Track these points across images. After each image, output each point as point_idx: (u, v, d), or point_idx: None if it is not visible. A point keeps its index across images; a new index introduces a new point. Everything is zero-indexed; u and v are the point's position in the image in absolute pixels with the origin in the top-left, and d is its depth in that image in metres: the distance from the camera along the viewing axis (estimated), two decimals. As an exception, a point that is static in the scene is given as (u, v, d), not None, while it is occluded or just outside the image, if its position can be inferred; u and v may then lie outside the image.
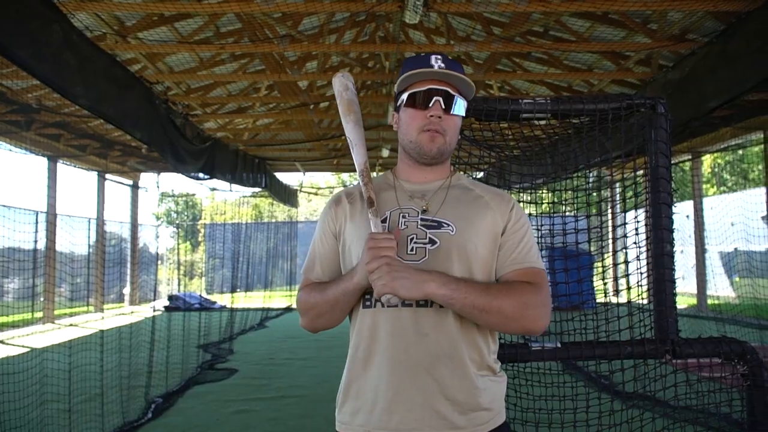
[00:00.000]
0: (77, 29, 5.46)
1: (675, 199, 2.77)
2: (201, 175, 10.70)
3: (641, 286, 2.83)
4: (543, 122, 3.16)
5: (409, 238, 1.63)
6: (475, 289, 1.52)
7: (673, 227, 2.62)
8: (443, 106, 1.66)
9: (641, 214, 2.87)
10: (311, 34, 9.18)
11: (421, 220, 1.66)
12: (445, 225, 1.64)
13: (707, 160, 28.47)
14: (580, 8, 6.79)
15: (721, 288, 15.34)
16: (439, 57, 1.69)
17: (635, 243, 2.92)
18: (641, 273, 2.85)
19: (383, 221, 1.66)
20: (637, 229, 2.93)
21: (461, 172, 1.87)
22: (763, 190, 12.86)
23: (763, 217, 12.59)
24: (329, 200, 1.83)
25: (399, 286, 1.46)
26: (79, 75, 5.34)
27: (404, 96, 1.72)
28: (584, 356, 2.55)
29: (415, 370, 1.55)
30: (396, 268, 1.48)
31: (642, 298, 2.91)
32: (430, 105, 1.66)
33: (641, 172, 2.84)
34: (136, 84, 7.48)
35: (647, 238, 2.70)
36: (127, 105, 6.83)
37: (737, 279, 15.63)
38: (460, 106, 1.70)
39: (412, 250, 1.62)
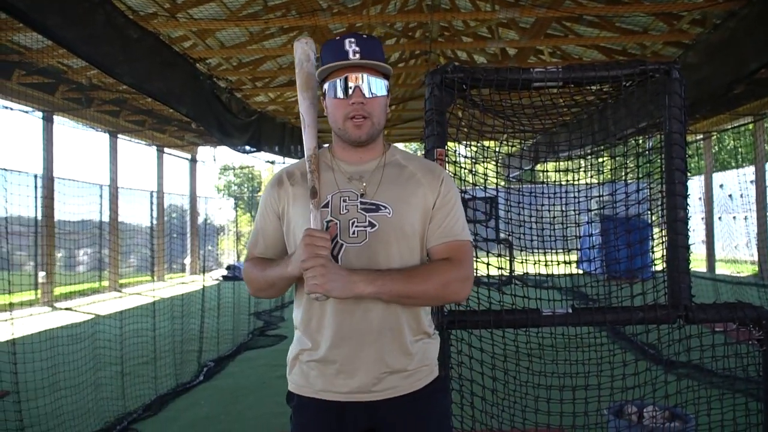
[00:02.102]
0: (120, 10, 5.67)
1: (741, 164, 2.72)
2: (247, 147, 10.95)
3: (654, 253, 2.83)
4: (594, 88, 3.13)
5: (350, 222, 1.72)
6: (399, 280, 1.64)
7: (688, 193, 2.60)
8: (363, 92, 1.71)
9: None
10: (355, 6, 9.20)
11: (361, 203, 1.75)
12: (382, 207, 1.74)
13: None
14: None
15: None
16: (353, 40, 1.72)
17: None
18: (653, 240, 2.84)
19: (325, 206, 1.75)
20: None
21: (395, 146, 1.91)
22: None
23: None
24: (271, 180, 1.91)
25: (331, 288, 1.57)
26: (123, 54, 5.56)
27: (326, 86, 1.76)
28: (595, 321, 2.60)
29: (361, 342, 1.71)
30: (330, 270, 1.58)
31: (655, 265, 2.91)
32: (351, 93, 1.71)
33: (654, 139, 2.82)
34: (180, 61, 7.69)
35: (660, 205, 2.70)
36: (172, 82, 7.05)
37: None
38: (380, 86, 1.74)
39: (354, 233, 1.72)
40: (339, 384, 1.72)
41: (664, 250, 2.68)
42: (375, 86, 1.73)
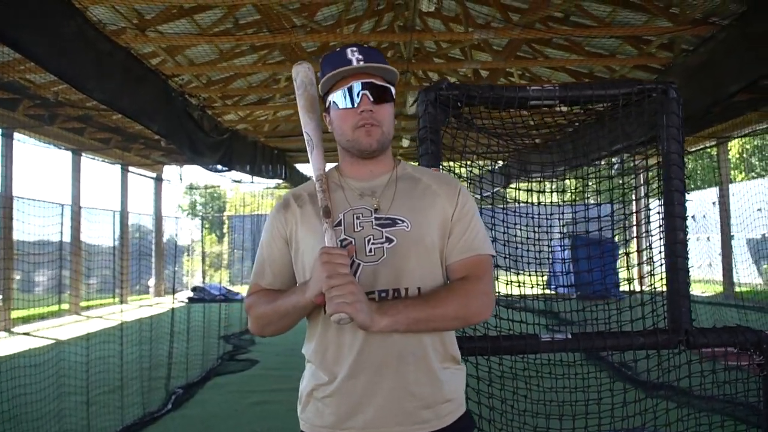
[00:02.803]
0: (92, 23, 5.50)
1: (702, 185, 2.71)
2: (219, 167, 10.76)
3: (653, 275, 2.77)
4: (564, 109, 3.11)
5: (366, 239, 1.61)
6: (416, 306, 1.53)
7: (686, 215, 2.56)
8: (371, 99, 1.63)
9: (655, 202, 2.81)
10: (329, 24, 9.15)
11: (375, 219, 1.64)
12: (399, 221, 1.63)
13: (735, 145, 27.92)
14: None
15: (749, 275, 15.07)
16: (355, 49, 1.65)
17: (646, 232, 2.86)
18: (653, 261, 2.79)
19: (337, 225, 1.64)
20: (648, 218, 2.87)
21: (404, 161, 1.83)
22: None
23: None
24: (276, 204, 1.79)
25: (359, 309, 1.44)
26: (94, 69, 5.38)
27: (330, 98, 1.68)
28: (595, 347, 2.51)
29: (381, 370, 1.56)
30: (359, 291, 1.47)
31: (653, 288, 2.85)
32: (359, 101, 1.63)
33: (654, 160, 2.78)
34: (152, 77, 7.52)
35: (660, 226, 2.64)
36: (143, 98, 6.88)
37: (766, 266, 15.36)
38: (387, 94, 1.67)
39: (370, 251, 1.60)
40: (358, 420, 1.56)
41: (663, 273, 2.63)
42: (383, 93, 1.65)
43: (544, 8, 8.14)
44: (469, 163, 3.11)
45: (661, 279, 2.67)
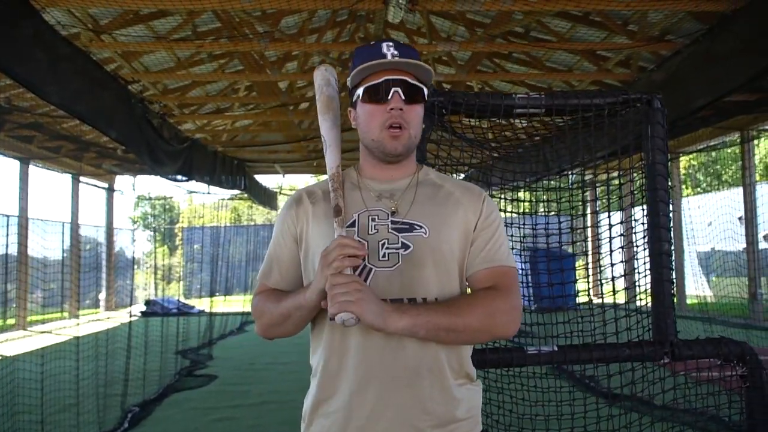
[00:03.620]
0: (50, 25, 5.28)
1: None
2: (179, 177, 10.49)
3: (639, 286, 2.76)
4: (525, 123, 3.10)
5: (380, 243, 1.51)
6: (436, 312, 1.42)
7: (671, 226, 2.55)
8: (403, 97, 1.53)
9: (637, 212, 2.80)
10: (291, 33, 9.05)
11: (392, 222, 1.55)
12: (417, 227, 1.54)
13: (683, 161, 28.82)
14: (565, 7, 6.75)
15: (699, 287, 15.48)
16: (392, 44, 1.57)
17: (617, 243, 2.86)
18: (638, 273, 2.78)
19: (351, 225, 1.54)
20: (627, 229, 2.86)
21: (428, 167, 1.75)
22: (738, 190, 12.98)
23: (739, 218, 12.70)
24: (288, 200, 1.69)
25: (366, 309, 1.33)
26: (52, 72, 5.17)
27: (359, 91, 1.58)
28: (582, 359, 2.47)
29: (391, 385, 1.45)
30: (366, 288, 1.36)
31: (629, 300, 2.84)
32: (389, 97, 1.53)
33: (636, 169, 2.77)
34: (112, 83, 7.30)
35: (643, 237, 2.63)
36: (102, 104, 6.64)
37: (714, 279, 15.79)
38: (420, 94, 1.58)
39: (384, 256, 1.50)
40: None
41: (648, 285, 2.61)
42: (416, 92, 1.56)
43: (506, 23, 8.23)
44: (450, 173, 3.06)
45: (626, 292, 2.65)
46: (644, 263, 2.69)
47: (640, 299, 2.79)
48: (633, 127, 2.63)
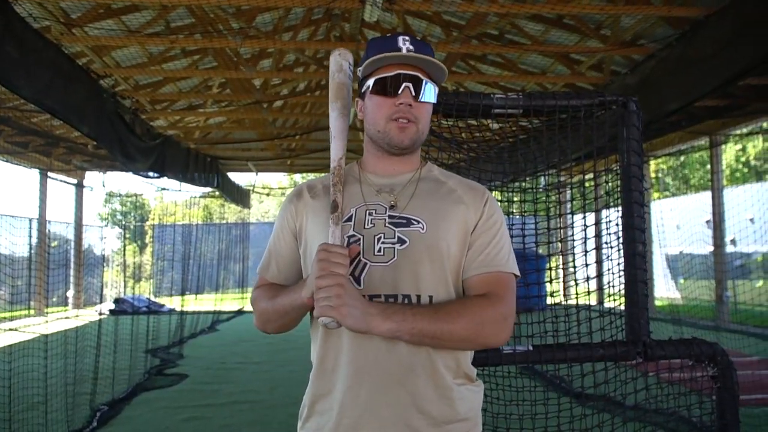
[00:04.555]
0: (21, 18, 5.16)
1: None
2: (151, 173, 10.35)
3: (612, 287, 2.79)
4: (500, 125, 3.11)
5: (376, 237, 1.50)
6: (422, 317, 1.39)
7: (645, 227, 2.58)
8: (413, 93, 1.52)
9: (612, 213, 2.83)
10: (266, 31, 8.98)
11: (389, 217, 1.53)
12: (414, 222, 1.52)
13: (651, 165, 29.28)
14: (540, 10, 6.82)
15: (667, 290, 15.75)
16: (407, 38, 1.55)
17: (591, 244, 2.88)
18: (612, 274, 2.80)
19: (348, 220, 1.53)
20: (598, 231, 2.89)
21: (433, 164, 1.73)
22: (706, 194, 13.23)
23: (707, 222, 12.94)
24: (289, 194, 1.68)
25: (346, 313, 1.32)
26: (22, 65, 5.05)
27: (370, 82, 1.56)
28: (556, 359, 2.49)
29: (385, 382, 1.44)
30: (348, 292, 1.34)
31: (600, 301, 2.87)
32: (399, 92, 1.52)
33: (611, 171, 2.79)
34: (83, 77, 7.16)
35: (618, 239, 2.66)
36: (73, 98, 6.51)
37: (682, 281, 16.07)
38: (431, 92, 1.56)
39: (379, 251, 1.49)
40: None
41: (621, 285, 2.64)
42: (426, 90, 1.54)
43: (481, 24, 8.27)
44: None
45: (595, 293, 2.68)
46: (618, 264, 2.72)
47: (614, 300, 2.81)
48: (608, 129, 2.65)
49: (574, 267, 2.87)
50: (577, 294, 2.96)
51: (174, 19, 8.43)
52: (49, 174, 15.35)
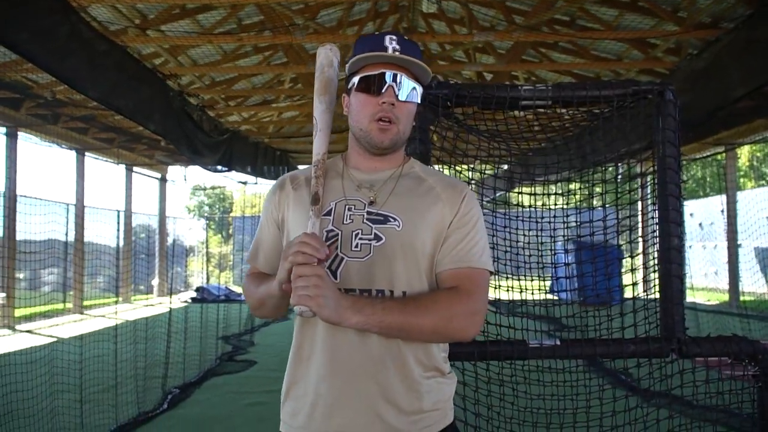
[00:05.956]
0: (86, 22, 5.47)
1: (711, 193, 2.63)
2: (219, 167, 10.72)
3: (648, 281, 2.70)
4: (570, 112, 3.04)
5: (353, 233, 1.53)
6: (391, 311, 1.42)
7: (682, 221, 2.48)
8: (397, 93, 1.55)
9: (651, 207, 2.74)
10: (331, 26, 9.12)
11: (368, 213, 1.56)
12: (391, 219, 1.54)
13: (745, 152, 27.73)
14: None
15: (755, 284, 14.89)
16: (395, 38, 1.57)
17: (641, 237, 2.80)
18: (647, 268, 2.72)
19: (327, 213, 1.56)
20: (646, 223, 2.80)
21: (416, 161, 1.74)
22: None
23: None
24: (274, 184, 1.73)
25: (323, 304, 1.35)
26: (89, 68, 5.35)
27: (355, 79, 1.59)
28: (585, 354, 2.45)
29: (356, 373, 1.48)
30: (326, 283, 1.37)
31: (646, 295, 2.78)
32: (383, 91, 1.55)
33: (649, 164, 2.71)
34: (149, 76, 7.50)
35: (652, 232, 2.57)
36: (140, 97, 6.84)
37: (775, 275, 15.19)
38: (415, 93, 1.59)
39: (356, 246, 1.52)
40: (332, 424, 1.48)
41: (656, 280, 2.55)
42: (410, 90, 1.57)
43: (547, 11, 8.08)
44: (470, 166, 3.04)
45: (645, 286, 2.60)
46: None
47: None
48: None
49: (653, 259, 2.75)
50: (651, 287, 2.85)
51: (244, 16, 8.71)
52: (134, 168, 16.17)
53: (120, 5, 6.87)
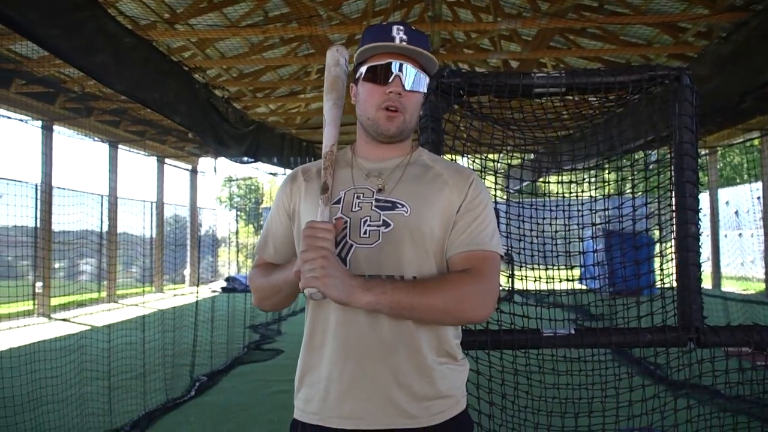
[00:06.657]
0: (112, 16, 5.56)
1: (749, 179, 2.58)
2: (245, 158, 10.81)
3: (663, 270, 2.67)
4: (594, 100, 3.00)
5: (362, 220, 1.54)
6: (402, 290, 1.42)
7: (699, 208, 2.44)
8: (403, 82, 1.56)
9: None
10: (356, 17, 9.12)
11: (376, 200, 1.57)
12: (399, 205, 1.55)
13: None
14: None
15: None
16: (402, 28, 1.58)
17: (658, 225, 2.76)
18: (664, 256, 2.68)
19: (336, 202, 1.58)
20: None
21: (423, 149, 1.75)
22: None
23: None
24: (286, 177, 1.75)
25: (330, 284, 1.36)
26: (115, 62, 5.43)
27: (362, 69, 1.62)
28: (600, 343, 2.43)
29: (368, 358, 1.49)
30: (331, 264, 1.39)
31: (664, 283, 2.74)
32: (390, 80, 1.56)
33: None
34: (175, 69, 7.58)
35: (669, 219, 2.54)
36: (166, 90, 6.92)
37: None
38: (421, 83, 1.60)
39: (365, 233, 1.53)
40: (344, 409, 1.50)
41: (674, 268, 2.52)
42: (416, 80, 1.58)
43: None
44: (487, 156, 3.02)
45: (662, 274, 2.57)
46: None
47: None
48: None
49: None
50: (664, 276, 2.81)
51: (272, 8, 8.76)
52: (166, 160, 16.42)
53: (148, 1, 6.98)
